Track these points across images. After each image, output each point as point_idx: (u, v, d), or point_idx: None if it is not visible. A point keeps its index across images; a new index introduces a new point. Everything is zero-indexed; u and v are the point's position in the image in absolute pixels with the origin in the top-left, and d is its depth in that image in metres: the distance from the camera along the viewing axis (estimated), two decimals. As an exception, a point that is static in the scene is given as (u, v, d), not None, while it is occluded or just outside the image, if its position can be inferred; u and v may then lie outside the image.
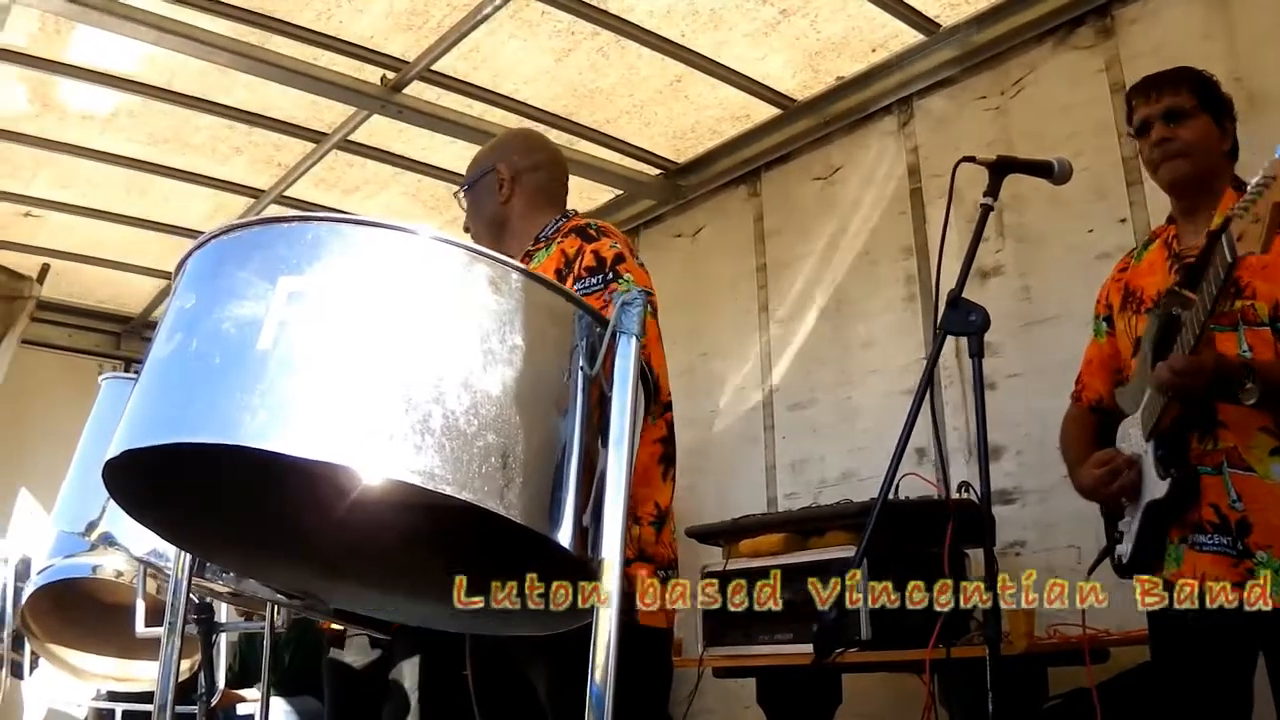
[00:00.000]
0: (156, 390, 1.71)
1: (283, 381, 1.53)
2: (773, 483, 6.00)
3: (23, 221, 7.39)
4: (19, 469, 8.20)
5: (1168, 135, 3.17)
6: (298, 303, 1.58)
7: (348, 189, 6.92)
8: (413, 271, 1.64)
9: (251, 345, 1.56)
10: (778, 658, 4.40)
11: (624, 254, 3.00)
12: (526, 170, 3.38)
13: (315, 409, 1.52)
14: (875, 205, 5.77)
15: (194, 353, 1.63)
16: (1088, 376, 3.48)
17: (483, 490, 1.54)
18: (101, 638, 5.23)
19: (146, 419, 1.69)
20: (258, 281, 1.62)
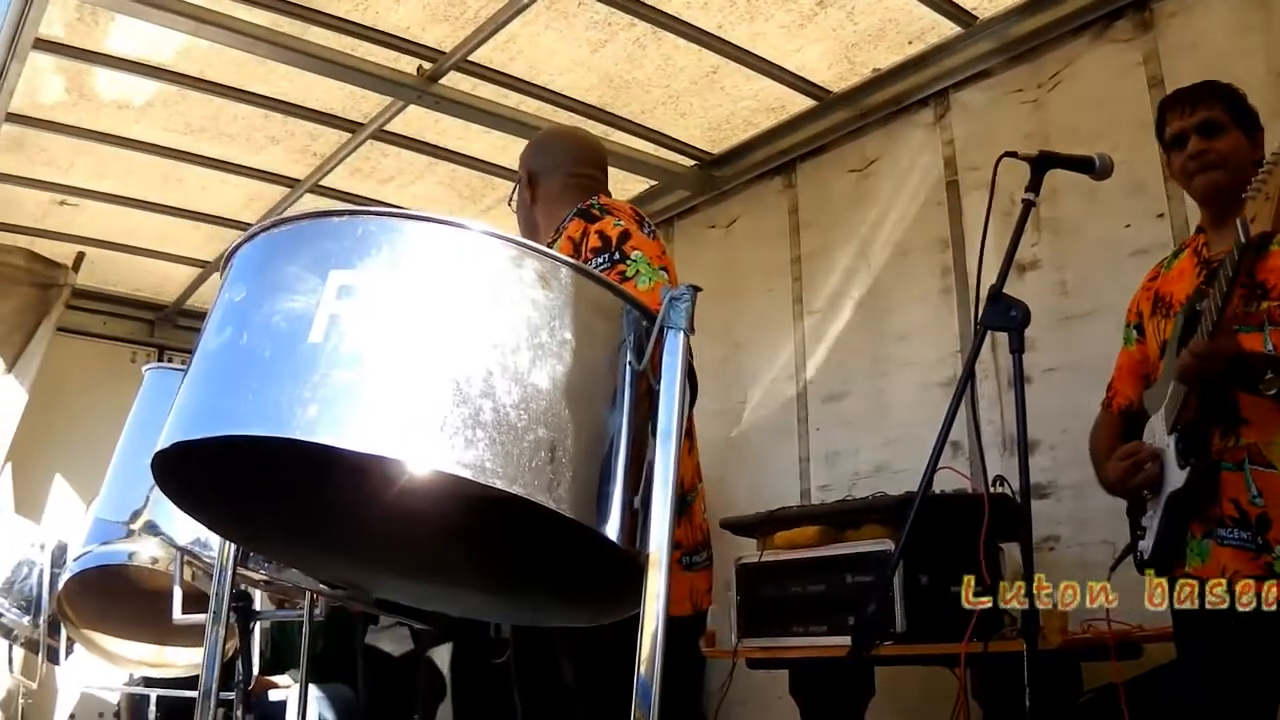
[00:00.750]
0: (207, 382, 1.72)
1: (334, 375, 1.53)
2: (806, 475, 5.99)
3: (59, 210, 7.44)
4: (54, 456, 8.26)
5: (1204, 148, 3.22)
6: (348, 297, 1.59)
7: (383, 179, 6.94)
8: (463, 266, 1.65)
9: (302, 339, 1.57)
10: (812, 649, 4.40)
11: (629, 230, 3.02)
12: (542, 173, 3.47)
13: (366, 403, 1.53)
14: (911, 198, 5.75)
15: (245, 346, 1.64)
16: (1119, 383, 3.53)
17: (533, 484, 1.55)
18: (137, 624, 5.27)
19: (197, 411, 1.70)
20: (308, 275, 1.63)
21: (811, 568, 4.42)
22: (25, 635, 6.00)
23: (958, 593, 3.95)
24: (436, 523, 2.01)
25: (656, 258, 2.98)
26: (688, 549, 2.94)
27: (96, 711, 8.14)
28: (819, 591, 4.36)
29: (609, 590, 1.93)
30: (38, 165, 6.80)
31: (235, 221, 7.51)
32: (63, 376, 8.25)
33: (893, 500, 4.37)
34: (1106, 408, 3.55)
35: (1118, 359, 3.55)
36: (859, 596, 4.20)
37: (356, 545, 2.14)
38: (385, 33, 5.42)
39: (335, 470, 1.85)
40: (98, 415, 8.02)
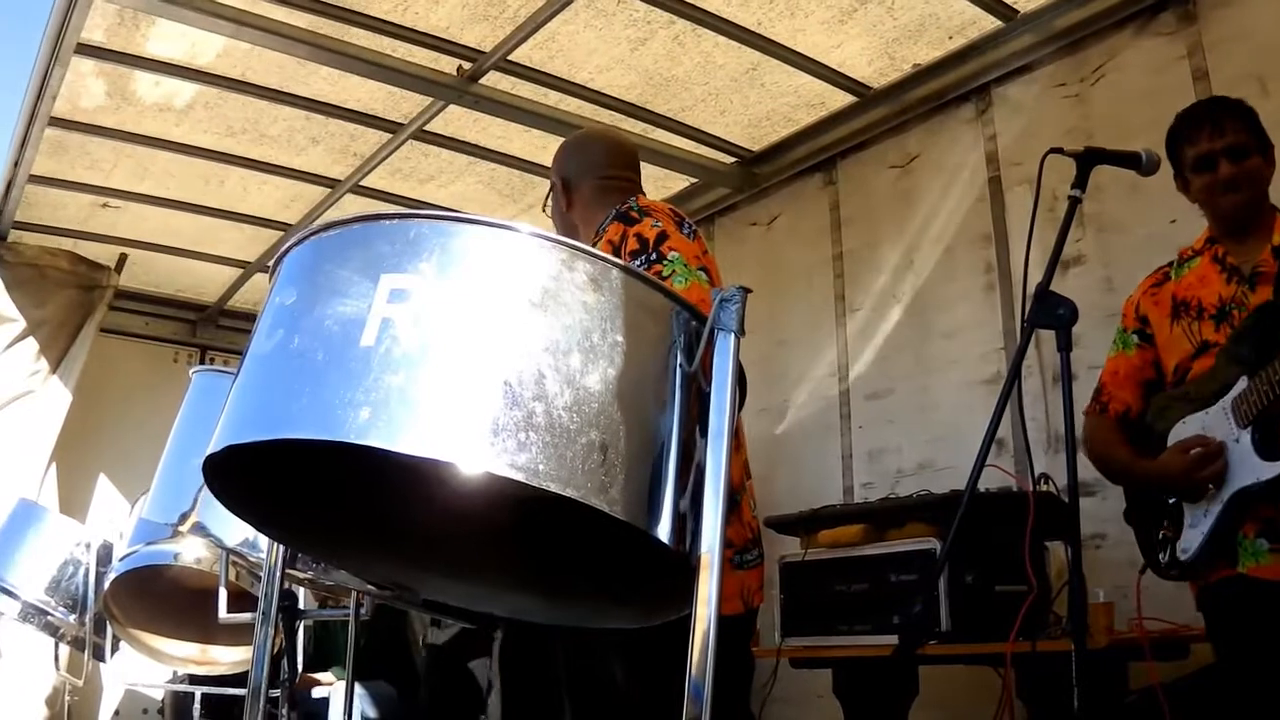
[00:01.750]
0: (259, 386, 1.72)
1: (386, 379, 1.53)
2: (849, 472, 5.98)
3: (101, 212, 7.50)
4: (98, 456, 8.33)
5: (1235, 172, 3.28)
6: (400, 300, 1.59)
7: (423, 178, 6.96)
8: (515, 268, 1.64)
9: (355, 342, 1.57)
10: (856, 649, 4.38)
11: (667, 231, 3.01)
12: (576, 178, 3.46)
13: (419, 406, 1.53)
14: (953, 194, 5.72)
15: (296, 349, 1.64)
16: (1114, 388, 3.55)
17: (586, 487, 1.54)
18: (181, 622, 5.31)
19: (249, 414, 1.70)
20: (359, 279, 1.63)
21: (855, 566, 4.40)
22: (72, 633, 6.05)
23: (1003, 592, 3.96)
24: (485, 523, 2.01)
25: (695, 258, 2.97)
26: (739, 547, 2.94)
27: (141, 708, 8.21)
28: (863, 590, 4.34)
29: (659, 591, 1.93)
30: (80, 169, 6.85)
31: (276, 222, 7.56)
32: (106, 377, 8.31)
33: (937, 498, 4.34)
34: (1100, 413, 3.54)
35: (1109, 364, 3.56)
36: (903, 596, 4.18)
37: (406, 546, 2.14)
38: (425, 33, 5.44)
39: (386, 472, 1.85)
40: (141, 415, 8.13)
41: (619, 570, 2.00)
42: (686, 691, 1.65)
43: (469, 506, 1.91)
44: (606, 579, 2.07)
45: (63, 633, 6.11)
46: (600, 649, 2.85)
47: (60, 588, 5.85)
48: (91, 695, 7.90)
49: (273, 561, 2.19)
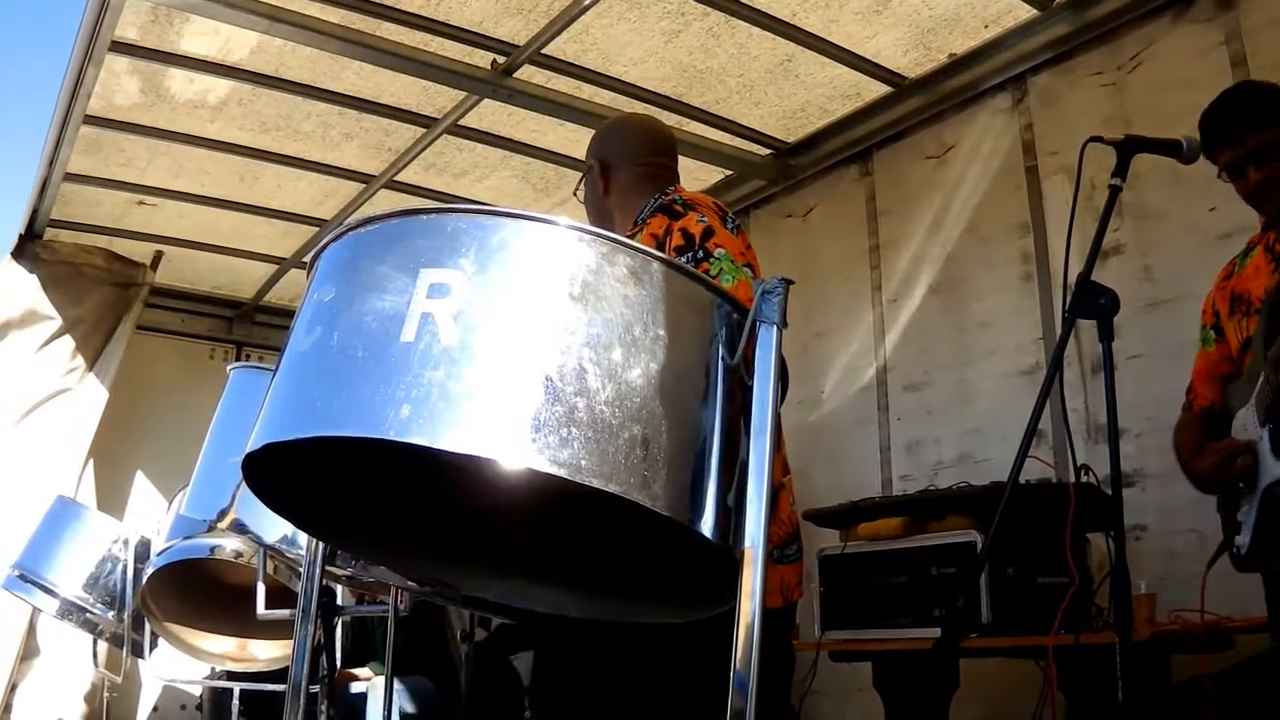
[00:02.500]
0: (298, 383, 1.71)
1: (427, 375, 1.52)
2: (887, 465, 5.95)
3: (137, 210, 7.53)
4: (135, 453, 8.39)
5: (1264, 176, 3.25)
6: (440, 295, 1.57)
7: (457, 173, 6.97)
8: (555, 262, 1.62)
9: (394, 339, 1.56)
10: (896, 642, 4.36)
11: (713, 227, 2.98)
12: (615, 163, 3.41)
13: (460, 402, 1.51)
14: (989, 183, 5.68)
15: (335, 346, 1.63)
16: (1199, 385, 3.51)
17: (628, 482, 1.53)
18: (219, 618, 5.32)
19: (288, 412, 1.70)
20: (398, 274, 1.62)
21: (895, 559, 4.38)
22: (110, 630, 6.08)
23: (1044, 584, 3.93)
24: (526, 519, 2.00)
25: (740, 254, 2.94)
26: (778, 542, 2.92)
27: (179, 704, 8.27)
28: (903, 583, 4.32)
29: (700, 586, 1.91)
30: (115, 166, 6.88)
31: (311, 218, 7.58)
32: (142, 374, 8.36)
33: (978, 490, 4.31)
34: (1188, 409, 3.52)
35: (1196, 361, 3.53)
36: (943, 588, 4.16)
37: (446, 542, 2.13)
38: (458, 27, 5.44)
39: (427, 469, 1.84)
40: (177, 412, 8.17)
41: (660, 566, 1.99)
42: (731, 686, 1.64)
43: (509, 502, 1.90)
44: (647, 575, 2.06)
45: (101, 629, 6.14)
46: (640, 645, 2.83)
47: (98, 585, 5.88)
48: (130, 691, 7.95)
49: (312, 558, 2.19)
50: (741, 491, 1.66)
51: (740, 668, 1.63)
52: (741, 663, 1.63)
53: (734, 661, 1.63)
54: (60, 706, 7.39)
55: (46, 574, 5.87)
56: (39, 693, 7.41)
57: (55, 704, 7.39)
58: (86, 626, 6.09)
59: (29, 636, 7.37)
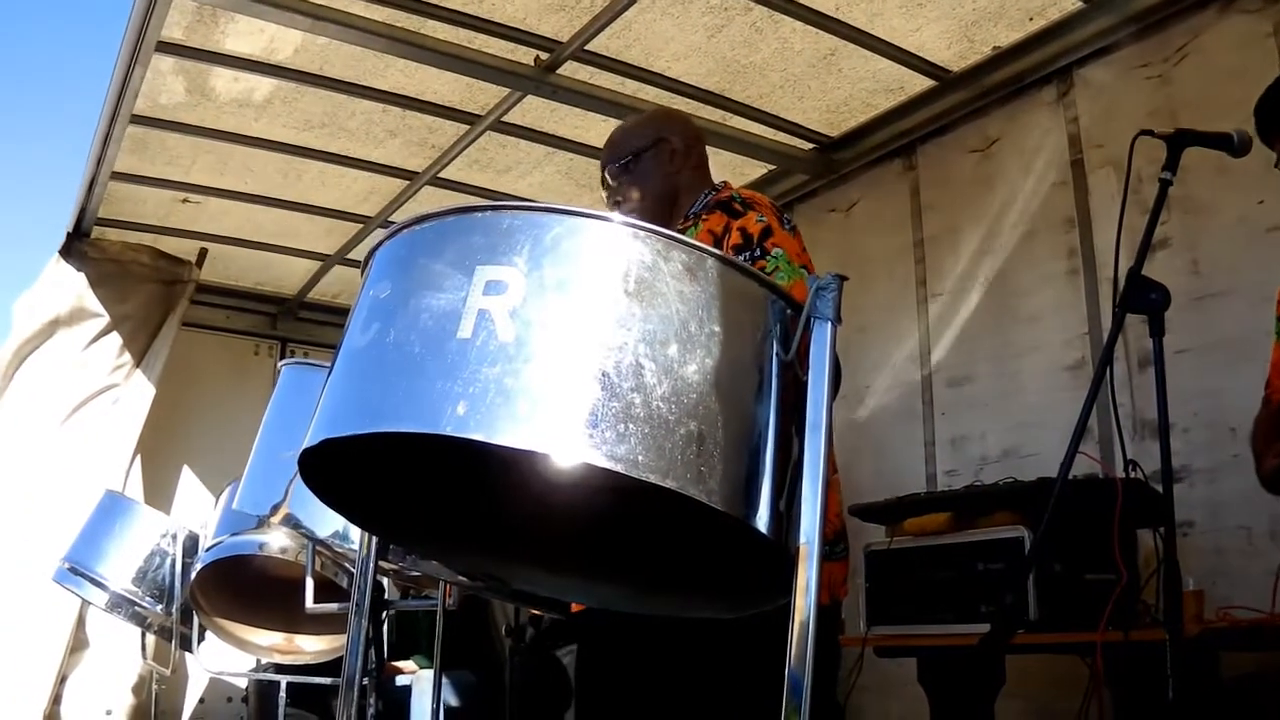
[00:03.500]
0: (355, 379, 1.72)
1: (484, 371, 1.53)
2: (932, 460, 5.93)
3: (182, 208, 7.59)
4: (182, 448, 8.46)
5: None
6: (496, 292, 1.58)
7: (501, 169, 6.98)
8: (610, 258, 1.63)
9: (451, 335, 1.57)
10: (942, 638, 4.35)
11: (771, 226, 2.98)
12: (692, 143, 3.40)
13: (517, 398, 1.52)
14: (1035, 178, 5.65)
15: (392, 343, 1.64)
16: (1276, 379, 3.46)
17: (684, 477, 1.53)
18: (266, 612, 5.37)
19: (345, 408, 1.71)
20: (454, 271, 1.63)
21: (942, 555, 4.36)
22: (158, 623, 6.13)
23: (1091, 580, 3.91)
24: (577, 513, 2.01)
25: (796, 254, 2.94)
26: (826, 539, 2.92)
27: (225, 696, 8.33)
28: (949, 579, 4.30)
29: (752, 582, 1.92)
30: (161, 165, 6.93)
31: (355, 215, 7.62)
32: (188, 370, 8.42)
33: (1026, 486, 4.28)
34: (1266, 404, 3.48)
35: (1272, 353, 3.48)
36: (990, 584, 4.14)
37: (498, 537, 2.14)
38: (502, 24, 5.45)
39: (481, 464, 1.85)
40: (223, 407, 8.25)
41: (712, 562, 1.99)
42: (786, 682, 1.64)
43: (562, 497, 1.91)
44: (699, 570, 2.07)
45: (150, 622, 6.19)
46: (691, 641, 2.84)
47: (147, 578, 5.93)
48: (178, 684, 8.02)
49: (365, 553, 2.20)
50: (796, 487, 1.66)
51: (794, 665, 1.63)
52: (796, 660, 1.63)
53: (789, 659, 1.64)
54: (109, 698, 7.46)
55: (96, 567, 5.93)
56: (88, 684, 7.48)
57: (104, 695, 7.47)
58: (135, 619, 6.15)
59: (78, 629, 7.44)
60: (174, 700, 8.15)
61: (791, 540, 1.65)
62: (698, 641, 2.77)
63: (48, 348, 7.79)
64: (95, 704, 7.46)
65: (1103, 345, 4.72)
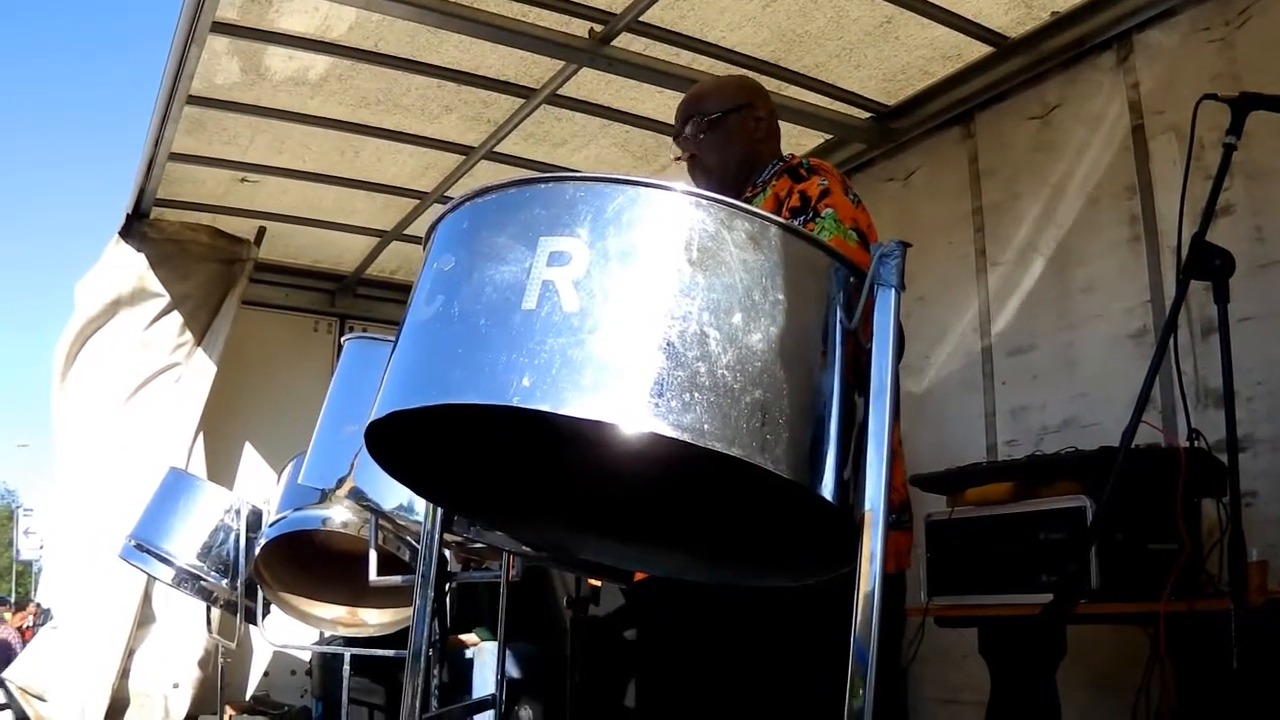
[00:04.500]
0: (420, 352, 1.74)
1: (549, 342, 1.53)
2: (992, 430, 5.89)
3: (240, 187, 7.65)
4: (244, 423, 8.55)
5: None
6: (560, 263, 1.59)
7: (556, 143, 6.98)
8: (673, 228, 1.63)
9: (516, 307, 1.58)
10: (1003, 608, 4.33)
11: (831, 189, 2.96)
12: (773, 115, 3.38)
13: (582, 369, 1.52)
14: (1094, 144, 5.58)
15: (457, 315, 1.65)
16: None
17: (750, 446, 1.53)
18: (329, 585, 5.42)
19: (411, 380, 1.72)
20: (518, 243, 1.63)
21: (1004, 525, 4.33)
22: (224, 597, 6.21)
23: (1154, 550, 3.88)
24: (642, 483, 2.02)
25: (849, 217, 2.91)
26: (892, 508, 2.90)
27: (289, 669, 8.43)
28: (1011, 549, 4.27)
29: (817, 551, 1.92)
30: (218, 145, 7.00)
31: (411, 191, 7.65)
32: (248, 348, 8.52)
33: (1089, 455, 4.25)
34: None
35: None
36: (1052, 554, 4.11)
37: (563, 507, 2.15)
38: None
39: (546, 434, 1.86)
40: (283, 384, 8.33)
41: (775, 530, 1.99)
42: (851, 650, 1.64)
43: (627, 467, 1.91)
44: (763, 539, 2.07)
45: (215, 597, 6.27)
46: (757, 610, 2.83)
47: (212, 553, 5.99)
48: (242, 657, 8.12)
49: (430, 525, 2.22)
50: (861, 455, 1.66)
51: (860, 634, 1.63)
52: (861, 628, 1.63)
53: (854, 628, 1.64)
54: (175, 671, 7.57)
55: (162, 544, 6.00)
56: (155, 658, 7.60)
57: (170, 669, 7.58)
58: (201, 594, 6.22)
59: (145, 604, 7.56)
60: (239, 673, 8.25)
61: (856, 508, 1.65)
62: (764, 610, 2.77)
63: (110, 328, 7.90)
64: (162, 677, 7.57)
65: (1165, 313, 4.70)
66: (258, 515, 5.93)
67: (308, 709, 7.90)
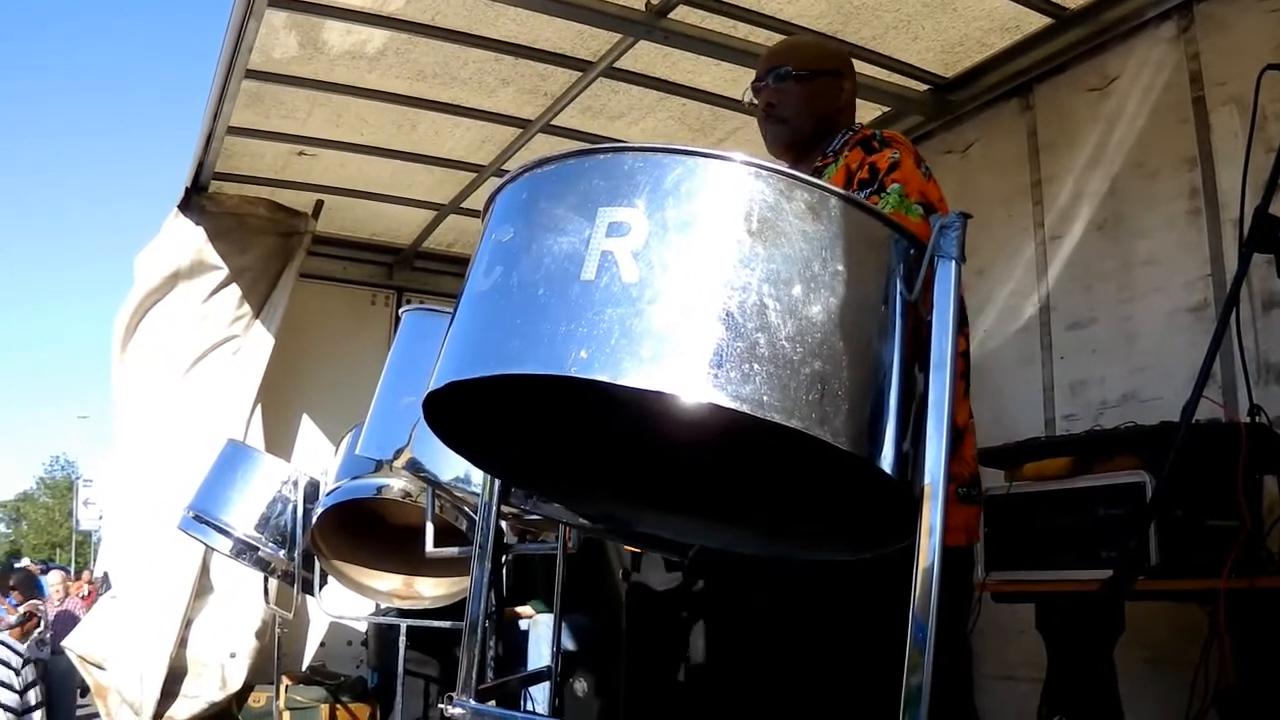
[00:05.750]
0: (478, 323, 1.74)
1: (608, 312, 1.53)
2: (1050, 404, 5.83)
3: (298, 161, 7.68)
4: (301, 396, 8.61)
5: None
6: (618, 234, 1.59)
7: (613, 116, 6.96)
8: (732, 198, 1.62)
9: (575, 278, 1.58)
10: (1061, 584, 4.29)
11: (901, 162, 2.92)
12: (855, 87, 3.35)
13: (641, 339, 1.52)
14: (1154, 115, 5.51)
15: (515, 286, 1.65)
16: None
17: (809, 417, 1.53)
18: (387, 557, 5.44)
19: (470, 351, 1.72)
20: (576, 214, 1.63)
21: (1062, 500, 4.29)
22: (281, 568, 6.25)
23: (1213, 526, 3.84)
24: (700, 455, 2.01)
25: (917, 191, 2.89)
26: (962, 481, 2.86)
27: (345, 640, 8.51)
28: (1069, 524, 4.24)
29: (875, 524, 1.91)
30: (276, 119, 7.03)
31: (468, 164, 7.65)
32: (306, 320, 8.57)
33: (1149, 430, 4.21)
34: None
35: None
36: (1110, 530, 4.08)
37: (620, 479, 2.15)
38: (613, -31, 5.43)
39: (604, 405, 1.86)
40: (341, 356, 8.38)
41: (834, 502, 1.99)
42: (910, 624, 1.63)
43: (685, 439, 1.91)
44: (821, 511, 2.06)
45: (272, 567, 6.31)
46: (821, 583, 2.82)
47: (269, 524, 6.04)
48: (299, 628, 8.20)
49: (487, 496, 2.22)
50: (921, 426, 1.65)
51: (919, 609, 1.62)
52: (920, 602, 1.62)
53: (913, 602, 1.63)
54: (233, 641, 7.64)
55: (220, 515, 6.06)
56: (213, 628, 7.68)
57: (228, 639, 7.65)
58: (258, 565, 6.27)
59: (203, 575, 7.64)
60: (296, 644, 8.33)
61: (916, 481, 1.64)
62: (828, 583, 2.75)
63: (169, 301, 7.96)
64: (220, 647, 7.64)
65: (1225, 287, 4.64)
66: (315, 487, 5.97)
67: (363, 679, 7.97)
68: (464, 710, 2.02)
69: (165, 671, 7.34)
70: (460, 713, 2.02)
